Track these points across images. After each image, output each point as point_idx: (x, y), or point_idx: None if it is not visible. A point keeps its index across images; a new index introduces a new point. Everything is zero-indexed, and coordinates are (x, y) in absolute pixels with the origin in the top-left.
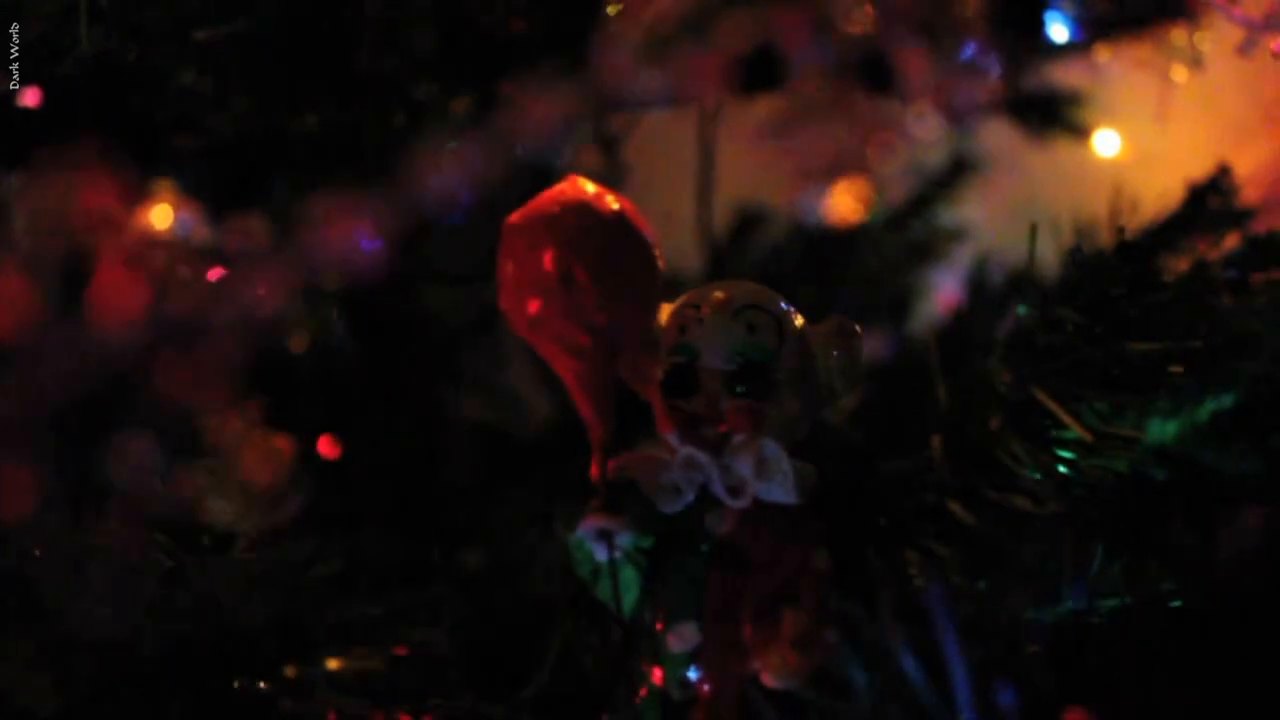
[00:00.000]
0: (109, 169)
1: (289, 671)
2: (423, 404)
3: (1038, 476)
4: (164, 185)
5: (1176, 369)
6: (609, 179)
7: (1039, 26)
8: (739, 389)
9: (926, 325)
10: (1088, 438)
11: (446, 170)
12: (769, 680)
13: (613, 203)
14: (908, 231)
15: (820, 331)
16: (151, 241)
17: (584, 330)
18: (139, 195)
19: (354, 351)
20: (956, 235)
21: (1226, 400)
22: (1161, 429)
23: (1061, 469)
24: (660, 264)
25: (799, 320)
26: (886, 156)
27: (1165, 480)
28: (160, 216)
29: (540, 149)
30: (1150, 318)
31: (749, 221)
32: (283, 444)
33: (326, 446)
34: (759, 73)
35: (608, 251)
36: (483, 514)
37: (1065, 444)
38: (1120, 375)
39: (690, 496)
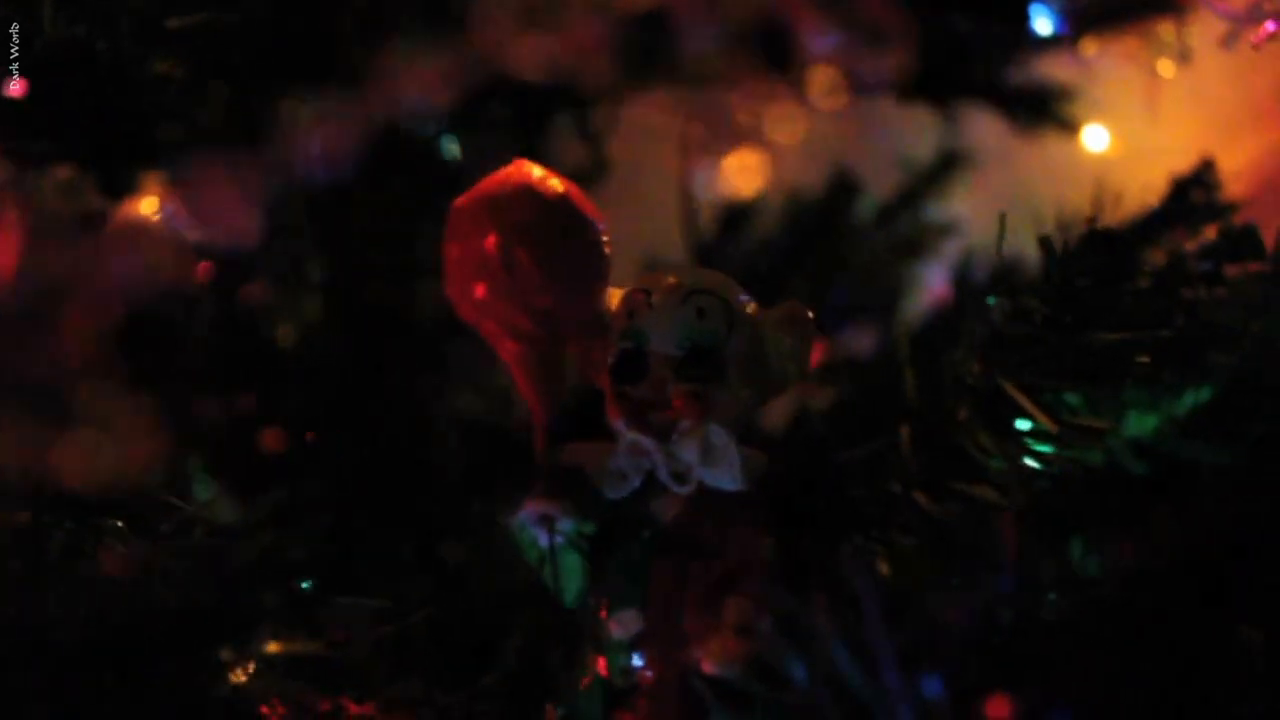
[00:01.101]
0: None
1: (225, 655)
2: (409, 397)
3: (1003, 467)
4: (152, 177)
5: (1143, 359)
6: (592, 173)
7: (1024, 19)
8: (686, 374)
9: (903, 318)
10: (1051, 428)
11: (318, 138)
12: (709, 668)
13: (557, 186)
14: (896, 226)
15: (772, 317)
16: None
17: (527, 314)
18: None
19: (339, 343)
20: (945, 230)
21: (1204, 393)
22: (1140, 422)
23: (1027, 460)
24: (606, 248)
25: (751, 306)
26: (786, 128)
27: (1144, 474)
28: (148, 208)
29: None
30: (1119, 308)
31: (736, 216)
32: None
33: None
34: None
35: (550, 234)
36: (466, 507)
37: (1032, 436)
38: (1088, 366)
39: (636, 482)
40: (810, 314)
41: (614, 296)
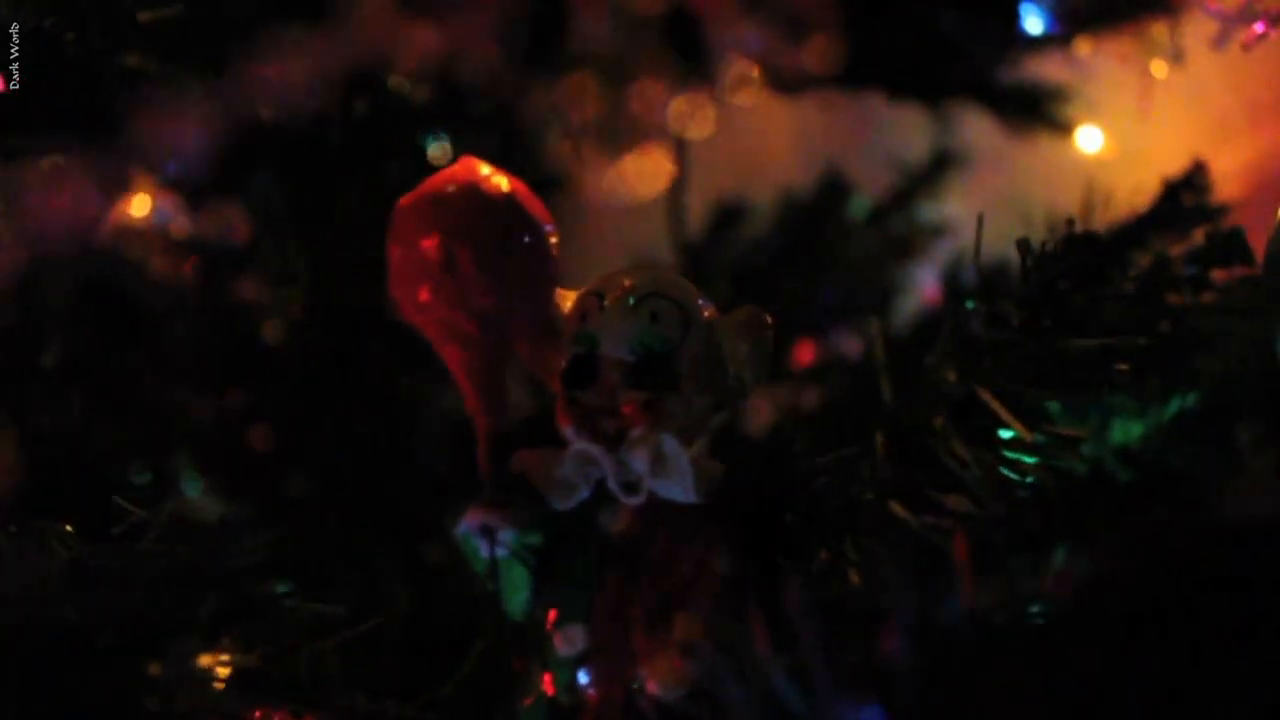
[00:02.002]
0: None
1: (153, 668)
2: (394, 395)
3: (979, 476)
4: (143, 174)
5: (1123, 366)
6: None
7: (1015, 18)
8: (637, 380)
9: (880, 321)
10: (1026, 436)
11: (179, 130)
12: (654, 688)
13: (503, 184)
14: (888, 227)
15: (730, 321)
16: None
17: (469, 317)
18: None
19: (325, 341)
20: (937, 231)
21: (1191, 399)
22: (1126, 429)
23: (1003, 470)
24: (554, 249)
25: (708, 311)
26: (698, 123)
27: (1130, 482)
28: (138, 205)
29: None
30: (1100, 313)
31: (726, 216)
32: None
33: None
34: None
35: (494, 235)
36: (450, 507)
37: (1009, 444)
38: (1066, 373)
39: (584, 493)
40: (769, 319)
41: (566, 299)
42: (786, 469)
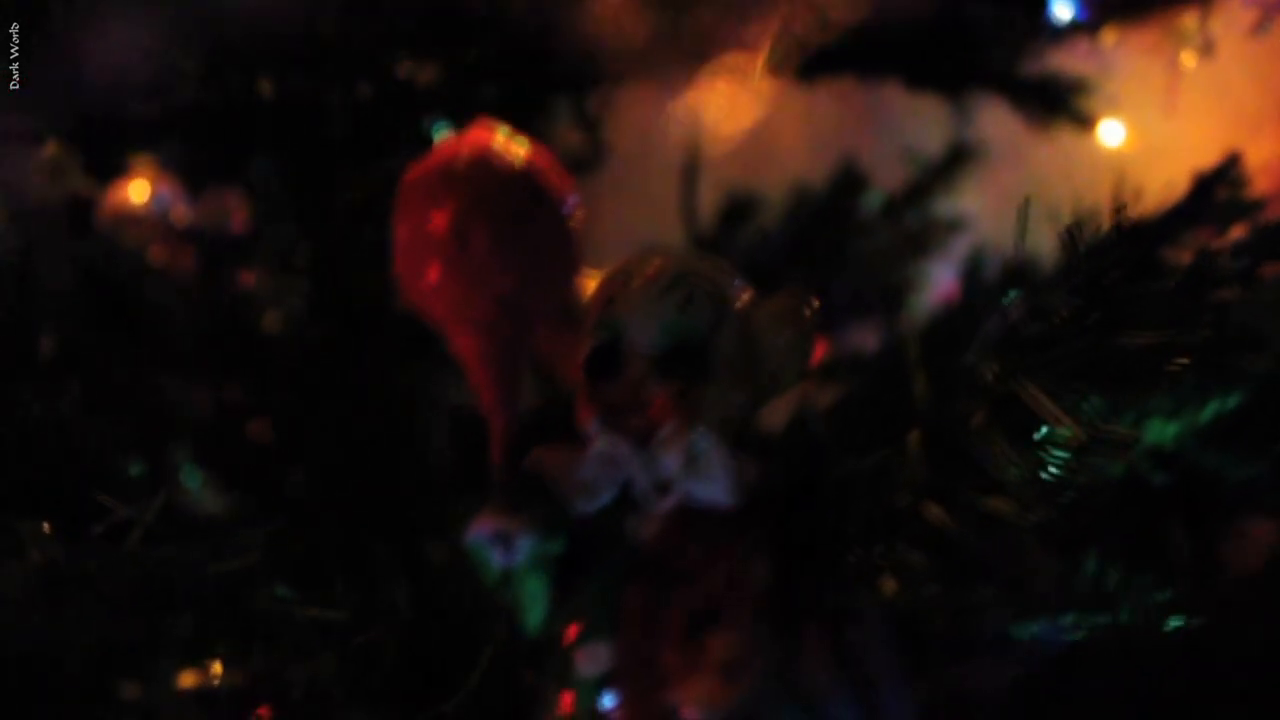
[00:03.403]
0: None
1: (128, 691)
2: (396, 388)
3: (1023, 478)
4: (142, 160)
5: (1178, 363)
6: (589, 160)
7: (1042, 6)
8: (668, 372)
9: (911, 316)
10: (1080, 436)
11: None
12: (689, 713)
13: (520, 153)
14: (903, 221)
15: (767, 309)
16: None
17: (484, 301)
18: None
19: (326, 331)
20: (954, 226)
21: (1230, 401)
22: (1161, 430)
23: (1051, 471)
24: (577, 226)
25: (744, 296)
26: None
27: (1164, 486)
28: (137, 192)
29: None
30: (1149, 308)
31: (738, 208)
32: None
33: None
34: None
35: (511, 211)
36: (454, 504)
37: (1054, 444)
38: (1115, 369)
39: (609, 495)
40: (811, 305)
41: (588, 283)
42: (823, 470)
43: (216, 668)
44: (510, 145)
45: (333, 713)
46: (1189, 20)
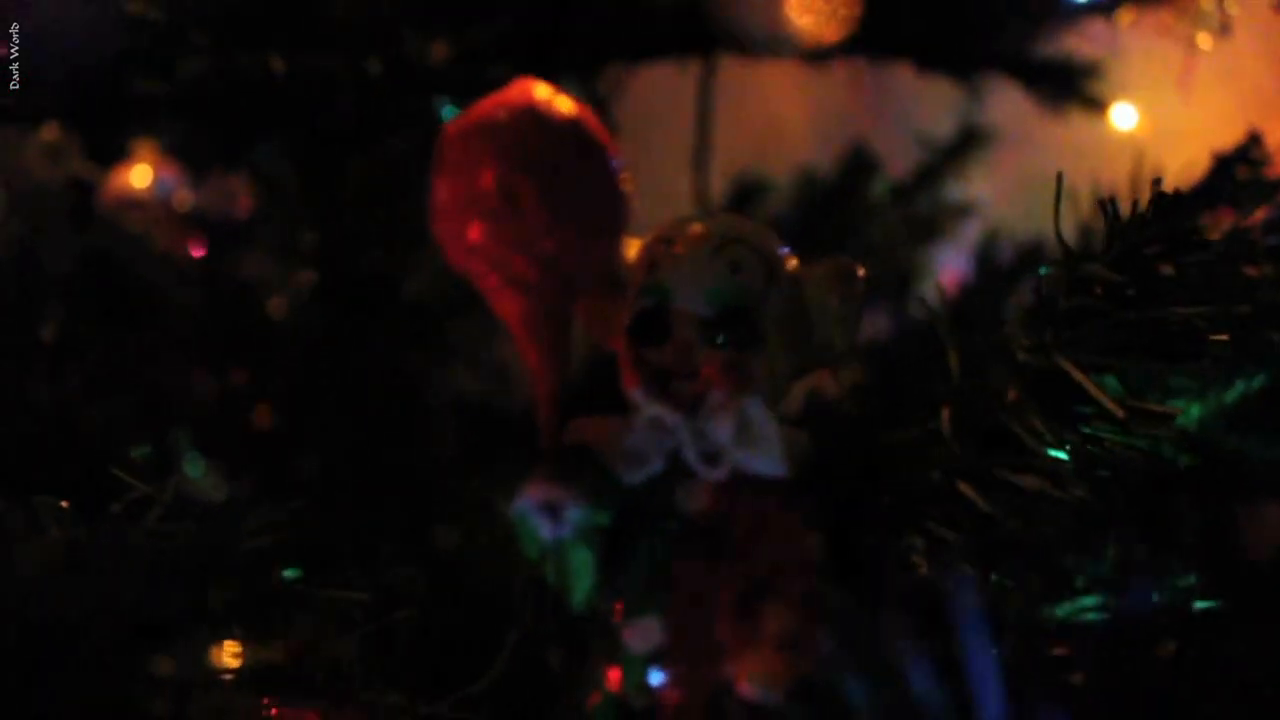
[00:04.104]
0: None
1: (162, 666)
2: (404, 374)
3: (1061, 455)
4: (145, 145)
5: (1220, 337)
6: None
7: None
8: (718, 338)
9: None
10: (1119, 413)
11: None
12: (745, 689)
13: (567, 108)
14: (913, 206)
15: (818, 273)
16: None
17: (531, 261)
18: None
19: (331, 317)
20: (963, 210)
21: (1257, 381)
22: (1185, 411)
23: (1089, 447)
24: (626, 186)
25: (792, 261)
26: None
27: (1187, 466)
28: (139, 177)
29: None
30: (1188, 281)
31: (748, 191)
32: None
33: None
34: None
35: (560, 167)
36: (461, 488)
37: (1089, 419)
38: (1155, 343)
39: (657, 465)
40: (860, 271)
41: (631, 246)
42: (870, 441)
43: (239, 647)
44: (556, 100)
45: (357, 695)
46: (1206, 0)
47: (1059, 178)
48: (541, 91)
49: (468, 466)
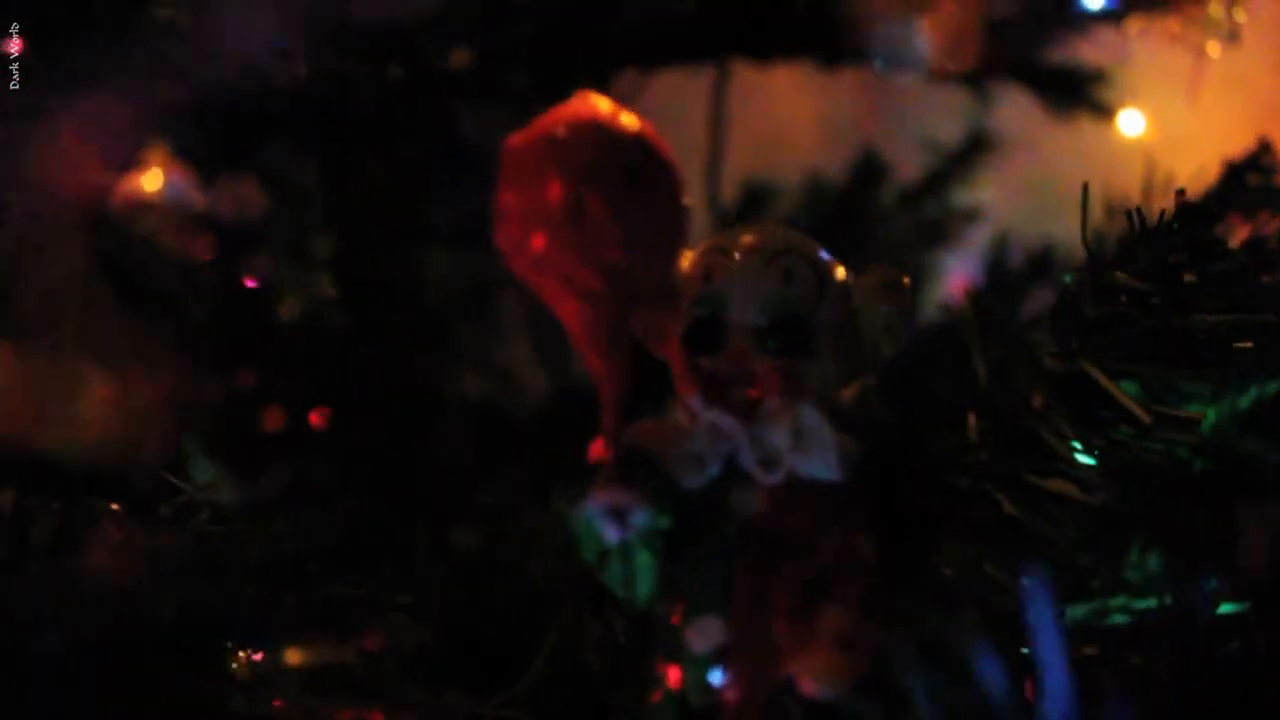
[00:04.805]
0: None
1: (238, 666)
2: (415, 377)
3: (1089, 460)
4: (156, 147)
5: (1244, 344)
6: None
7: None
8: (773, 346)
9: (952, 302)
10: (1145, 418)
11: None
12: (806, 687)
13: (631, 122)
14: (922, 211)
15: (867, 282)
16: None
17: (597, 271)
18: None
19: (344, 321)
20: (972, 216)
21: (1271, 386)
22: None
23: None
24: (686, 198)
25: (840, 270)
26: None
27: (1202, 470)
28: (150, 180)
29: None
30: (1212, 289)
31: (757, 196)
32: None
33: (315, 418)
34: None
35: (626, 179)
36: (476, 492)
37: (1115, 425)
38: (1180, 351)
39: (715, 470)
40: (907, 281)
41: (685, 256)
42: (915, 446)
43: (307, 648)
44: (620, 113)
45: (417, 695)
46: (1215, 8)
47: (1084, 189)
48: (604, 104)
49: (479, 470)
